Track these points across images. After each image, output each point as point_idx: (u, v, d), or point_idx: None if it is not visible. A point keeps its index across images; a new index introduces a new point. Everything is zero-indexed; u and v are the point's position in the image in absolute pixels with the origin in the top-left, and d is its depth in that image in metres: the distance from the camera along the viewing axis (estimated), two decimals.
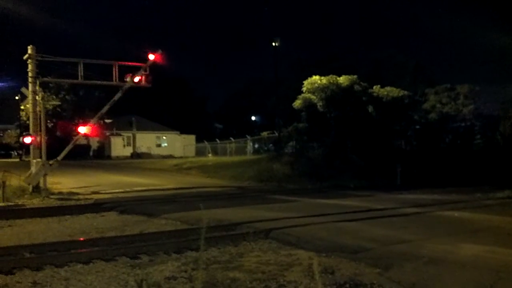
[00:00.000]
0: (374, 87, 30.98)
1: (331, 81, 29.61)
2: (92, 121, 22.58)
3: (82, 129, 21.64)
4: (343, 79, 29.89)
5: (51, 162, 20.05)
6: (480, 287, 6.48)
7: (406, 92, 31.16)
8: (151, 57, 21.42)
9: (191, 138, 61.76)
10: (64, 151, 20.75)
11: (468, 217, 13.10)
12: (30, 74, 20.13)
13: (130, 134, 59.87)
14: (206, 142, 53.66)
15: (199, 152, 55.05)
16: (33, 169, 19.53)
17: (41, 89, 20.98)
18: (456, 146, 33.50)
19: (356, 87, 30.08)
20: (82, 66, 20.84)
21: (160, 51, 21.58)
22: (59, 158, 20.50)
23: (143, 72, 21.59)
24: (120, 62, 21.75)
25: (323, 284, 6.60)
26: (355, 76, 30.32)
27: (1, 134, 72.81)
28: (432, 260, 7.88)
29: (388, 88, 30.86)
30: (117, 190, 20.85)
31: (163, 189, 21.77)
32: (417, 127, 34.22)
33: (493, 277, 6.81)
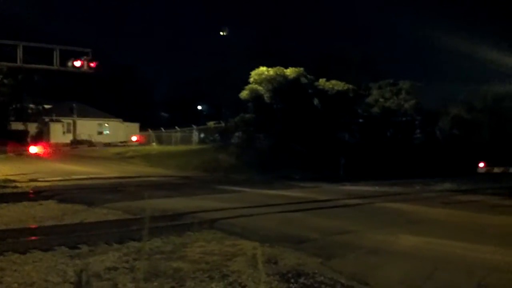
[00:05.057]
0: (320, 80, 31.40)
1: (278, 72, 29.79)
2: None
3: (34, 149, 20.70)
4: (290, 71, 30.12)
5: None
6: (419, 276, 6.68)
7: (351, 86, 31.78)
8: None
9: (135, 126, 60.63)
10: None
11: (408, 209, 13.51)
12: None
13: (71, 121, 58.06)
14: (150, 131, 52.81)
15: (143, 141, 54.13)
16: None
17: None
18: (398, 140, 34.56)
19: (303, 79, 30.40)
20: (21, 49, 20.00)
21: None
22: None
23: (85, 58, 20.92)
24: (62, 47, 20.99)
25: (266, 274, 6.61)
26: (301, 69, 30.61)
27: None
28: (373, 250, 8.07)
29: (333, 82, 31.37)
30: (56, 178, 20.17)
31: (104, 178, 21.25)
32: (361, 120, 35.04)
33: (431, 267, 7.03)
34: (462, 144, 32.81)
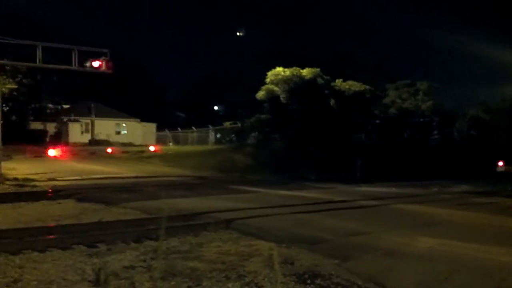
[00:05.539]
0: (337, 80, 31.30)
1: (295, 73, 29.76)
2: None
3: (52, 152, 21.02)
4: (306, 72, 30.07)
5: None
6: (435, 278, 6.64)
7: (367, 87, 31.62)
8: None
9: (152, 126, 60.92)
10: None
11: (424, 210, 13.41)
12: None
13: (89, 121, 58.49)
14: (167, 131, 53.06)
15: (160, 141, 54.36)
16: None
17: None
18: (415, 141, 34.31)
19: (319, 80, 30.32)
20: (40, 49, 20.24)
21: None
22: None
23: (103, 58, 21.09)
24: (80, 47, 21.21)
25: (282, 274, 6.63)
26: (318, 69, 30.55)
27: None
28: (389, 252, 8.04)
29: (350, 82, 31.25)
30: (74, 177, 20.40)
31: (122, 177, 21.43)
32: (377, 121, 34.86)
33: (447, 269, 6.99)
34: (480, 145, 32.49)
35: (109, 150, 32.22)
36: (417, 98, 34.96)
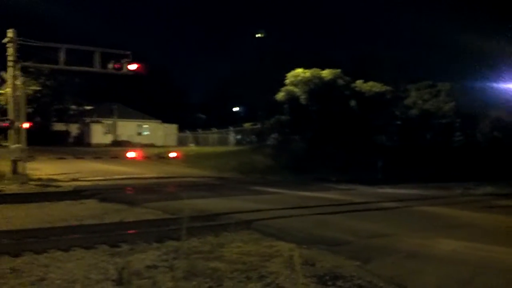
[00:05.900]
0: (357, 81, 31.13)
1: (315, 74, 29.69)
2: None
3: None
4: (326, 73, 29.97)
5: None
6: (458, 281, 6.58)
7: (388, 88, 31.38)
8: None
9: (173, 127, 61.36)
10: None
11: (447, 212, 13.27)
12: (10, 58, 19.81)
13: (111, 122, 59.18)
14: (188, 132, 53.42)
15: (181, 142, 54.77)
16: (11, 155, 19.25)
17: (21, 73, 20.63)
18: (437, 142, 33.90)
19: (339, 81, 30.20)
20: (63, 51, 20.56)
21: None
22: None
23: (125, 60, 21.34)
24: (102, 49, 21.49)
25: (303, 276, 6.62)
26: (338, 70, 30.42)
27: None
28: (411, 254, 7.98)
29: (370, 83, 31.05)
30: (97, 178, 20.67)
31: (144, 178, 21.64)
32: (399, 122, 34.51)
33: (470, 272, 6.91)
34: (503, 147, 31.97)
35: (131, 154, 32.46)
36: (438, 99, 34.58)
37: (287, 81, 30.14)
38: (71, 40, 22.60)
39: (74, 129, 57.32)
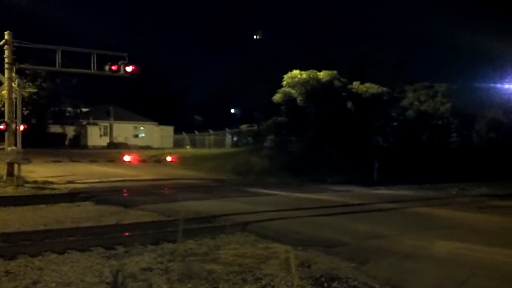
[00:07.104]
0: (354, 83, 31.14)
1: (311, 75, 29.68)
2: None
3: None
4: (323, 74, 29.98)
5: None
6: (454, 282, 6.58)
7: (385, 89, 31.39)
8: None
9: (169, 129, 61.28)
10: None
11: (443, 213, 13.29)
12: (6, 60, 19.74)
13: (107, 124, 59.07)
14: (184, 134, 53.31)
15: (177, 144, 54.64)
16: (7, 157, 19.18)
17: (17, 75, 20.56)
18: (433, 143, 33.96)
19: (336, 82, 30.21)
20: (60, 53, 20.52)
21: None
22: None
23: (122, 62, 21.30)
24: (99, 51, 21.45)
25: (299, 278, 6.62)
26: (335, 72, 30.43)
27: None
28: (407, 255, 7.99)
29: (367, 84, 31.06)
30: (93, 180, 20.60)
31: (140, 180, 21.59)
32: (395, 123, 34.54)
33: (466, 273, 6.92)
34: (499, 148, 32.06)
35: (127, 158, 32.41)
36: (435, 100, 34.64)
37: (284, 83, 30.14)
38: (68, 42, 22.58)
39: (70, 131, 57.19)
